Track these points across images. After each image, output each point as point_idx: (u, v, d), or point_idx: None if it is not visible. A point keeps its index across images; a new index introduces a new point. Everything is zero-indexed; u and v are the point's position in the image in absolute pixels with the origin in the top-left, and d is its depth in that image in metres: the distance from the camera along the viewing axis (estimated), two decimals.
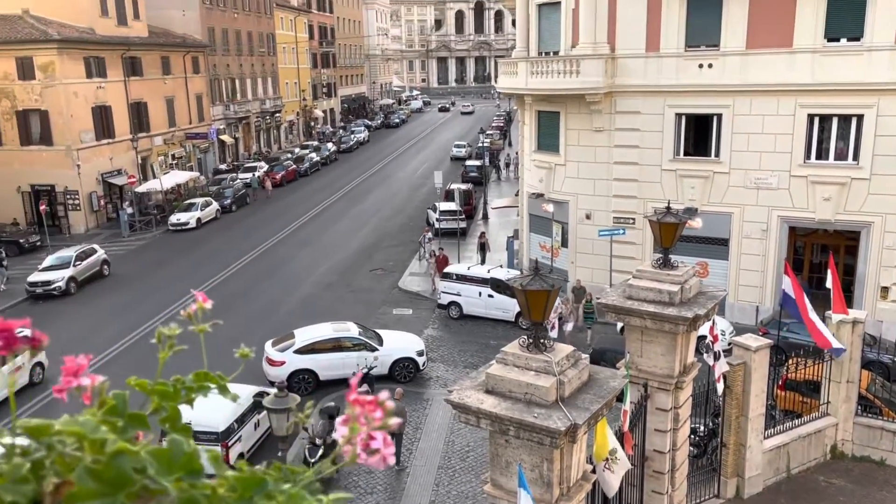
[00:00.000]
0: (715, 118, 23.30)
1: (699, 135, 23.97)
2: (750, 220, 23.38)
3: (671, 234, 11.61)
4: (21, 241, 36.00)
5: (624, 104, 24.31)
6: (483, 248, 31.85)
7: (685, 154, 24.07)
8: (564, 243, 26.91)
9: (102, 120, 42.62)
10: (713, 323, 12.05)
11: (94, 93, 41.73)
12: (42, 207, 37.62)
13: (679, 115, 23.69)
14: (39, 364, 21.81)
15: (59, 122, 39.62)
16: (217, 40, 57.50)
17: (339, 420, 1.13)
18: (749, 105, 22.55)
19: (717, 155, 23.45)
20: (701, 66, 22.94)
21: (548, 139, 26.91)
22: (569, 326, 23.27)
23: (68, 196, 40.48)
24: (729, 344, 16.46)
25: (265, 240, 38.06)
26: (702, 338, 14.38)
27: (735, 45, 22.29)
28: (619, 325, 20.84)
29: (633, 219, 24.88)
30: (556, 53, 25.67)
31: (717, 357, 12.78)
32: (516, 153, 48.74)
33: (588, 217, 25.82)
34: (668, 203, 14.24)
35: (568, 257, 26.84)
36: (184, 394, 1.17)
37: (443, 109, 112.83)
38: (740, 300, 24.04)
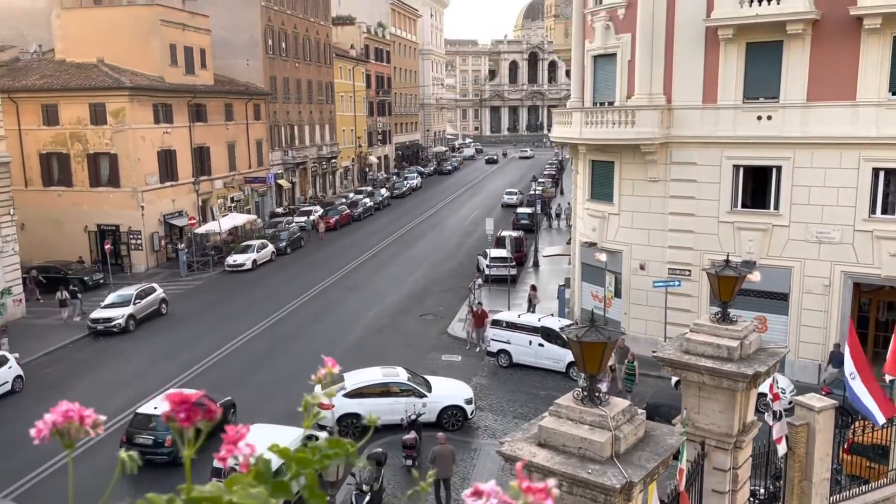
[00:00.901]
0: (774, 170, 22.89)
1: (758, 186, 23.56)
2: (811, 274, 22.71)
3: (730, 288, 11.36)
4: (85, 278, 37.28)
5: (680, 155, 24.13)
6: (530, 301, 31.39)
7: (743, 206, 23.64)
8: (618, 294, 26.54)
9: (167, 163, 44.27)
10: (774, 381, 11.65)
11: (160, 137, 43.45)
12: (107, 247, 38.94)
13: (737, 167, 23.36)
14: (19, 377, 24.87)
15: (126, 164, 41.29)
16: (278, 88, 59.47)
17: (467, 493, 1.12)
18: (810, 158, 22.12)
19: (776, 207, 22.97)
20: (760, 117, 22.67)
21: (602, 188, 26.81)
22: (603, 386, 21.62)
23: (131, 236, 41.90)
24: (790, 403, 15.84)
25: (318, 282, 38.57)
26: (762, 396, 13.89)
27: (795, 98, 21.99)
28: (674, 379, 20.35)
29: (689, 270, 24.43)
30: (611, 104, 25.73)
31: (778, 417, 12.30)
32: (568, 204, 48.66)
33: (642, 268, 25.47)
34: (728, 256, 13.99)
35: (621, 308, 26.44)
36: (320, 460, 1.20)
37: (490, 161, 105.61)
38: (801, 357, 23.22)
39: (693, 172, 23.93)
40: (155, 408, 19.09)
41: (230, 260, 42.46)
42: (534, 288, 32.72)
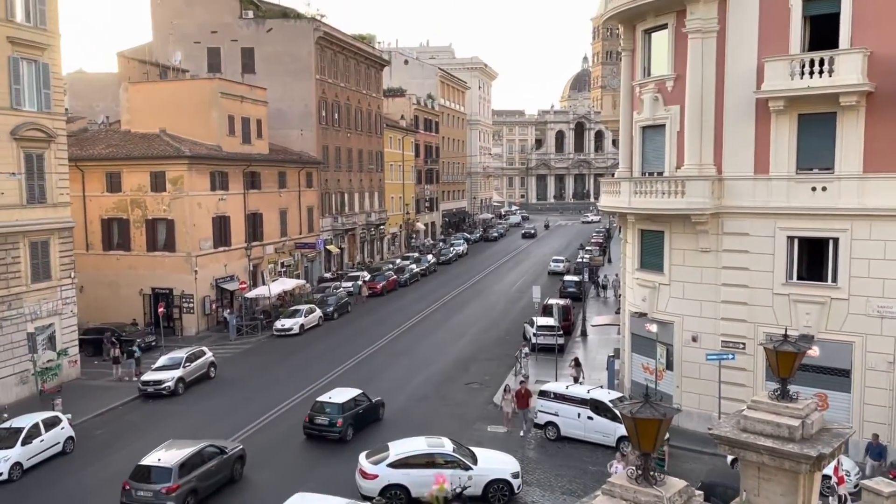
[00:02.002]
0: (830, 242, 22.35)
1: (814, 258, 22.98)
2: (874, 350, 21.81)
3: (789, 364, 10.96)
4: (138, 340, 38.04)
5: (732, 226, 23.80)
6: (576, 380, 30.33)
7: (799, 278, 23.03)
8: (669, 366, 25.87)
9: (221, 229, 45.53)
10: (838, 463, 11.11)
11: (215, 204, 44.84)
12: (160, 310, 39.89)
13: (791, 238, 22.88)
14: (70, 438, 25.33)
15: (182, 230, 42.60)
16: (330, 157, 61.14)
17: None
18: (869, 230, 21.56)
19: (834, 280, 22.32)
20: (814, 188, 22.31)
21: (651, 258, 26.51)
22: (618, 468, 19.12)
23: (184, 299, 42.86)
24: (856, 486, 15.03)
25: (364, 348, 38.62)
26: (826, 478, 13.21)
27: (851, 169, 21.63)
28: (730, 457, 19.50)
29: (743, 344, 23.74)
30: (660, 174, 25.69)
31: (843, 501, 11.68)
32: (616, 275, 48.17)
33: (694, 340, 24.86)
34: (786, 330, 13.57)
35: (673, 381, 25.72)
36: None
37: (527, 235, 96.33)
38: (866, 438, 22.09)
39: (746, 243, 23.53)
40: (330, 397, 26.07)
41: (278, 324, 42.95)
42: (577, 362, 31.65)
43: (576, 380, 29.97)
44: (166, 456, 20.59)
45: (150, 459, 20.51)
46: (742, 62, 23.27)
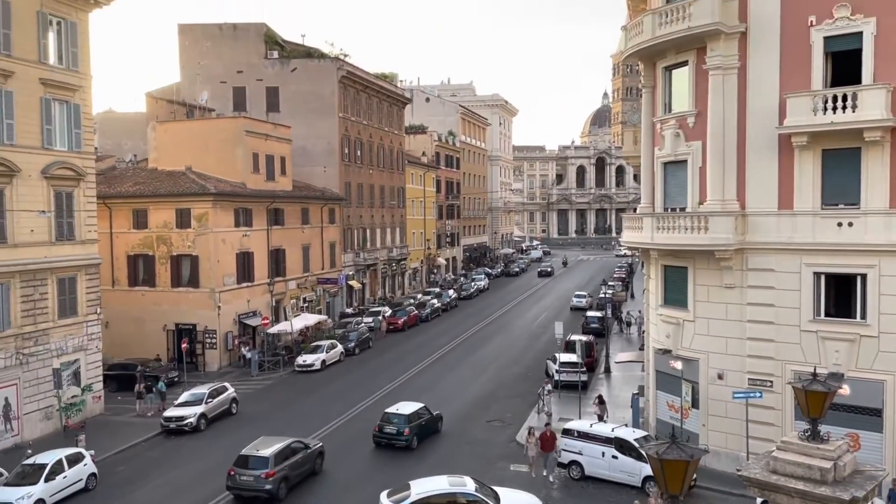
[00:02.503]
0: (858, 278, 22.02)
1: (841, 295, 22.62)
2: None
3: (819, 404, 10.75)
4: (161, 376, 38.19)
5: (756, 261, 23.55)
6: (600, 418, 29.89)
7: (826, 315, 22.65)
8: (695, 404, 25.43)
9: (244, 265, 45.95)
10: None
11: (239, 240, 45.33)
12: (183, 345, 40.13)
13: (817, 274, 22.57)
14: (93, 475, 25.43)
15: (206, 266, 43.05)
16: (352, 193, 61.73)
17: None
18: None
19: (863, 317, 21.91)
20: (840, 224, 22.06)
21: (675, 294, 26.25)
22: None
23: (207, 335, 43.11)
24: None
25: (385, 384, 38.44)
26: None
27: (877, 205, 21.38)
28: (759, 499, 19.01)
29: (771, 381, 23.31)
30: (682, 209, 25.58)
31: None
32: (639, 312, 47.74)
33: (720, 377, 24.45)
34: (814, 369, 13.30)
35: (699, 419, 25.25)
36: None
37: (543, 274, 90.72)
38: None
39: (771, 279, 23.25)
40: (397, 409, 28.98)
41: (300, 360, 42.99)
42: (601, 399, 31.26)
43: (600, 417, 29.54)
44: (263, 448, 24.22)
45: (248, 450, 24.25)
46: (764, 98, 23.27)
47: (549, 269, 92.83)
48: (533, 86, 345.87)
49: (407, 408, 29.20)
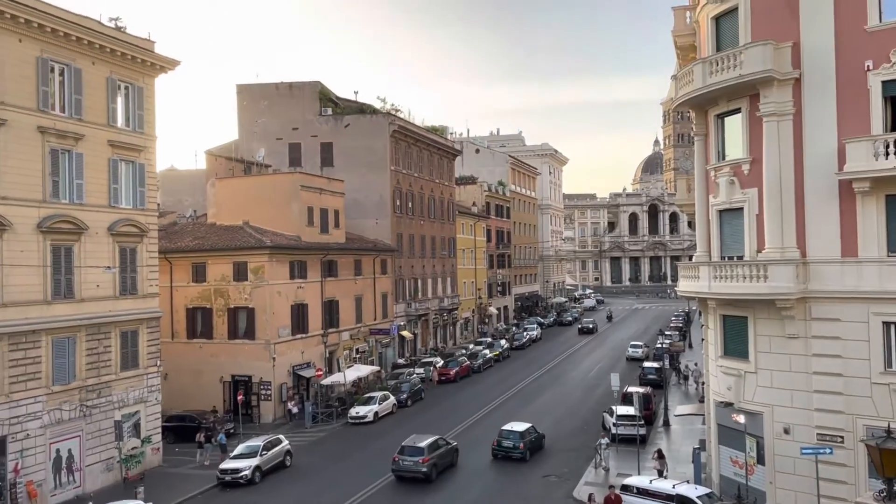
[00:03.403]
0: None
1: None
2: None
3: (895, 463, 10.24)
4: (218, 428, 38.62)
5: (820, 311, 22.76)
6: (660, 473, 28.91)
7: None
8: (760, 460, 24.41)
9: (299, 316, 46.58)
10: None
11: (294, 292, 46.07)
12: (239, 397, 40.60)
13: (887, 325, 21.67)
14: None
15: (262, 318, 43.78)
16: (404, 244, 62.37)
17: None
18: None
19: None
20: None
21: (735, 344, 25.49)
22: None
23: (262, 387, 43.58)
24: None
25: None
26: None
27: None
28: None
29: (841, 437, 22.25)
30: (739, 258, 25.03)
31: None
32: (695, 364, 46.49)
33: (787, 432, 23.46)
34: (888, 425, 12.68)
35: (765, 476, 24.19)
36: None
37: (585, 331, 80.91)
38: None
39: (837, 329, 22.40)
40: (511, 427, 34.42)
41: (353, 412, 42.98)
42: (660, 454, 30.27)
43: (660, 473, 28.59)
44: (418, 441, 31.78)
45: (408, 442, 31.78)
46: (821, 143, 22.83)
47: (590, 326, 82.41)
48: (582, 134, 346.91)
49: (520, 426, 34.68)
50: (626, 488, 25.05)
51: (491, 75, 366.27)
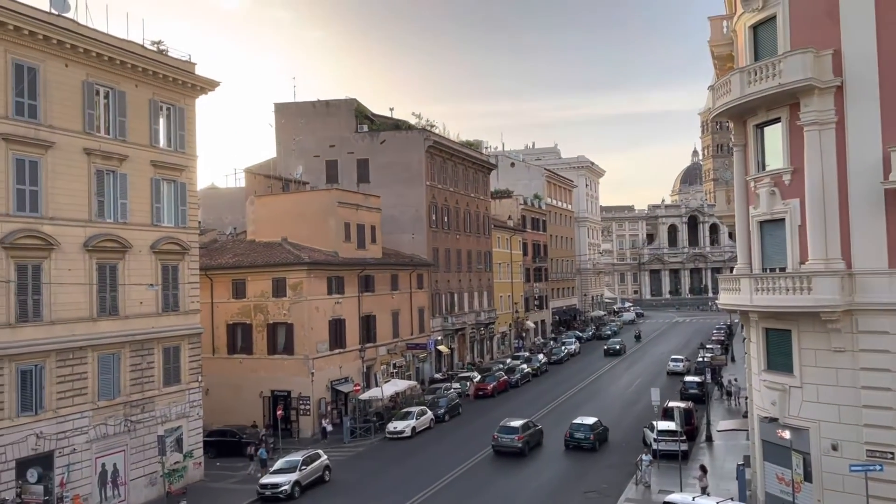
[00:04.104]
0: None
1: None
2: None
3: None
4: (257, 442, 38.99)
5: (868, 323, 22.13)
6: (704, 490, 28.30)
7: None
8: (807, 477, 23.74)
9: (337, 331, 46.93)
10: None
11: (332, 307, 46.45)
12: (279, 412, 40.96)
13: None
14: None
15: (301, 333, 44.21)
16: (440, 259, 62.50)
17: None
18: None
19: None
20: None
21: (779, 358, 24.90)
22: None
23: (301, 402, 43.91)
24: None
25: (475, 453, 37.82)
26: None
27: None
28: None
29: (892, 453, 21.54)
30: (782, 269, 24.52)
31: None
32: (735, 379, 45.55)
33: (834, 448, 22.78)
34: None
35: (812, 494, 23.51)
36: None
37: (611, 353, 73.49)
38: None
39: (886, 342, 21.75)
40: (582, 420, 39.03)
41: (391, 427, 43.03)
42: (704, 470, 29.67)
43: (703, 490, 28.00)
44: (513, 421, 38.39)
45: (504, 422, 38.27)
46: (865, 152, 22.29)
47: (617, 347, 74.85)
48: (619, 146, 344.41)
49: (590, 419, 39.19)
50: None
51: (525, 89, 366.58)
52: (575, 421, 39.15)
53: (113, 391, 30.71)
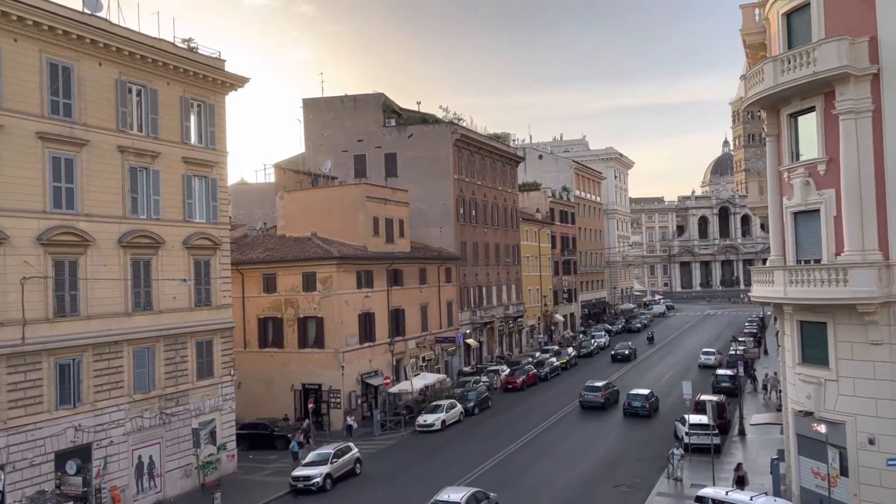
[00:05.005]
0: None
1: None
2: None
3: None
4: (289, 435, 39.44)
5: None
6: (741, 481, 27.95)
7: None
8: (844, 471, 23.36)
9: (366, 325, 47.22)
10: None
11: (361, 301, 46.73)
12: (310, 405, 41.35)
13: None
14: None
15: (331, 327, 44.56)
16: (468, 252, 62.48)
17: None
18: None
19: None
20: None
21: (814, 351, 24.51)
22: None
23: (332, 395, 44.30)
24: None
25: (505, 446, 37.86)
26: None
27: None
28: None
29: None
30: (816, 261, 24.10)
31: None
32: (774, 373, 44.87)
33: (871, 442, 22.38)
34: None
35: (849, 489, 23.13)
36: None
37: (619, 358, 65.94)
38: None
39: None
40: (638, 392, 45.13)
41: (420, 420, 43.22)
42: (740, 467, 29.23)
43: (741, 479, 27.58)
44: (597, 381, 48.55)
45: (589, 382, 48.14)
46: None
47: (626, 351, 67.02)
48: (648, 137, 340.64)
49: (643, 391, 44.96)
50: (700, 500, 24.39)
51: (552, 80, 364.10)
52: (631, 392, 45.33)
53: (148, 384, 31.26)
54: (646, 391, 45.02)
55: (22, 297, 25.98)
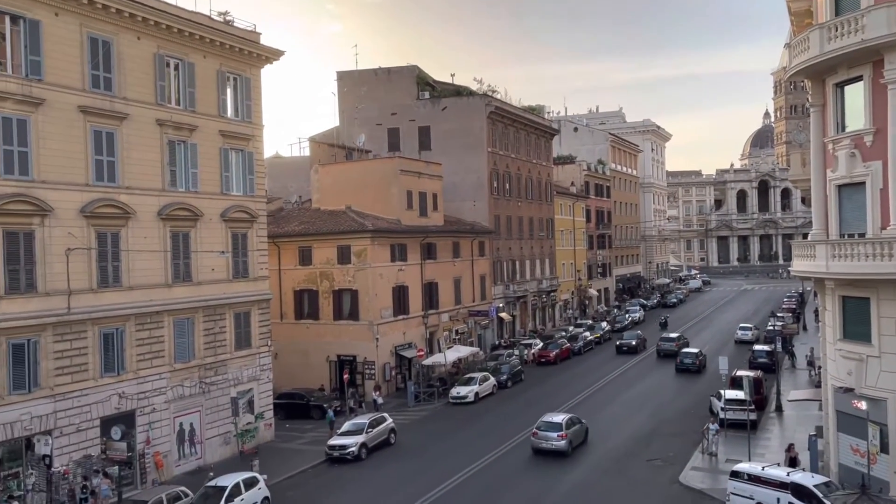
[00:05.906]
0: None
1: None
2: None
3: None
4: (325, 405, 40.08)
5: None
6: (793, 462, 27.34)
7: None
8: (884, 448, 23.01)
9: (400, 298, 47.52)
10: None
11: (395, 274, 46.99)
12: (345, 376, 41.93)
13: None
14: (267, 499, 27.10)
15: (365, 300, 44.95)
16: (501, 226, 62.28)
17: None
18: None
19: None
20: None
21: (856, 326, 24.04)
22: None
23: (366, 366, 44.82)
24: None
25: (537, 418, 37.92)
26: None
27: None
28: None
29: None
30: (861, 235, 23.54)
31: None
32: (811, 350, 44.14)
33: None
34: None
35: (889, 466, 22.81)
36: None
37: (624, 350, 57.71)
38: None
39: None
40: (689, 350, 51.19)
41: (454, 392, 43.54)
42: (791, 448, 28.27)
43: (794, 460, 27.05)
44: (672, 333, 55.92)
45: (664, 334, 55.46)
46: None
47: (633, 342, 58.87)
48: (686, 109, 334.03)
49: (693, 350, 51.23)
50: (736, 475, 24.26)
51: (589, 51, 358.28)
52: (683, 350, 51.41)
53: (188, 354, 31.95)
54: (695, 350, 51.25)
55: (67, 268, 26.64)
